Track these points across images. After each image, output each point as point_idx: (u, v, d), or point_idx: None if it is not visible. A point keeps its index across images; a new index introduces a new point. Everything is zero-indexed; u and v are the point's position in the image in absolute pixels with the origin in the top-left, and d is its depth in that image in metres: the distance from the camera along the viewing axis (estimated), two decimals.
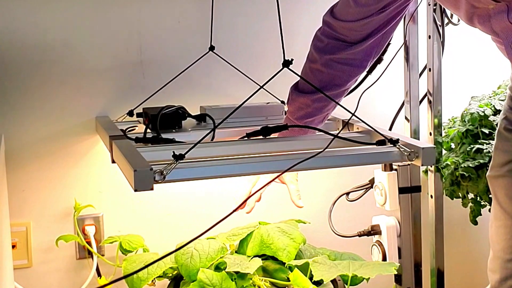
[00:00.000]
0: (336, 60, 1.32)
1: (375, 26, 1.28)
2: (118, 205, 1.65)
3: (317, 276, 1.36)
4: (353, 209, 1.73)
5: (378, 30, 1.29)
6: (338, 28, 1.30)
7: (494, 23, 1.16)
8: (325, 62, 1.33)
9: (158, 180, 1.00)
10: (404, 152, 1.17)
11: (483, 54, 1.87)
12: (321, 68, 1.33)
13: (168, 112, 1.41)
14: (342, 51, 1.31)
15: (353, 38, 1.30)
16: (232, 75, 1.64)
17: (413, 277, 1.61)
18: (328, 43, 1.32)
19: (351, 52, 1.31)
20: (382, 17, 1.26)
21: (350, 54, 1.31)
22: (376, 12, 1.25)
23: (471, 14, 1.17)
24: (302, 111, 1.37)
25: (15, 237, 1.58)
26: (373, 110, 1.80)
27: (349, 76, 1.34)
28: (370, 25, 1.28)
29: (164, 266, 1.46)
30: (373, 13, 1.25)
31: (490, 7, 1.13)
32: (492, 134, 1.60)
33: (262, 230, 1.53)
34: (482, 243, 1.89)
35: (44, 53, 1.57)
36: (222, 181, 1.70)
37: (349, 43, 1.31)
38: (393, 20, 1.29)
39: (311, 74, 1.35)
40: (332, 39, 1.32)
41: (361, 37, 1.30)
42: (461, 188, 1.62)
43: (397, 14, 1.28)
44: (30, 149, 1.58)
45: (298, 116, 1.39)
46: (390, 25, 1.30)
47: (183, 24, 1.66)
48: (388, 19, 1.28)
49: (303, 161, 1.08)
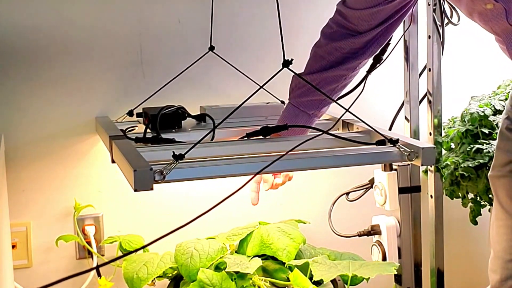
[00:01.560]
0: (339, 48, 1.36)
1: (383, 17, 1.32)
2: (118, 205, 1.65)
3: (317, 276, 1.36)
4: (353, 209, 1.73)
5: (384, 21, 1.33)
6: (348, 16, 1.34)
7: (493, 24, 1.16)
8: (330, 50, 1.37)
9: (158, 180, 1.00)
10: (404, 152, 1.17)
11: (483, 54, 1.87)
12: (324, 54, 1.37)
13: (168, 112, 1.41)
14: (346, 39, 1.35)
15: (361, 27, 1.34)
16: (232, 75, 1.64)
17: (413, 277, 1.61)
18: (336, 31, 1.36)
19: (355, 42, 1.35)
20: (390, 8, 1.30)
21: (353, 44, 1.35)
22: (384, 1, 1.28)
23: (472, 9, 1.18)
24: (297, 90, 1.39)
25: (15, 237, 1.58)
26: (373, 110, 1.80)
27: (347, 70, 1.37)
28: (378, 15, 1.31)
29: (164, 266, 1.46)
30: (382, 1, 1.28)
31: (488, 7, 1.13)
32: (492, 134, 1.60)
33: (262, 230, 1.53)
34: (482, 243, 1.89)
35: (44, 53, 1.56)
36: (222, 181, 1.69)
37: (356, 32, 1.35)
38: (399, 13, 1.33)
39: (314, 59, 1.39)
40: (341, 27, 1.36)
41: (368, 27, 1.33)
42: (461, 188, 1.62)
43: (403, 7, 1.32)
44: (30, 149, 1.58)
45: (293, 95, 1.40)
46: (395, 18, 1.33)
47: (183, 24, 1.66)
48: (395, 11, 1.32)
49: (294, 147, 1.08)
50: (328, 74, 1.37)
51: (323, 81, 1.36)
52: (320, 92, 1.29)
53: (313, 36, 1.41)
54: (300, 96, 1.38)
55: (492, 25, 1.17)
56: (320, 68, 1.37)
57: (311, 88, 1.35)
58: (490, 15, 1.15)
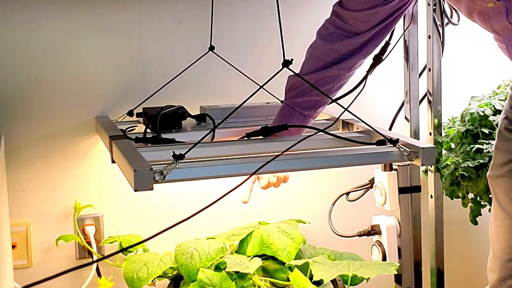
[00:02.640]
0: (335, 50, 1.35)
1: (381, 17, 1.31)
2: (118, 205, 1.65)
3: (317, 276, 1.36)
4: (353, 209, 1.73)
5: (382, 22, 1.32)
6: (345, 17, 1.33)
7: (494, 23, 1.16)
8: (326, 51, 1.36)
9: (158, 180, 1.00)
10: (404, 152, 1.17)
11: (483, 54, 1.87)
12: (320, 55, 1.36)
13: (168, 112, 1.41)
14: (343, 41, 1.34)
15: (358, 28, 1.33)
16: (232, 75, 1.64)
17: (413, 277, 1.61)
18: (333, 32, 1.35)
19: (352, 43, 1.34)
20: (388, 8, 1.29)
21: (350, 45, 1.34)
22: (382, 3, 1.27)
23: (471, 9, 1.18)
24: (293, 91, 1.38)
25: (15, 237, 1.58)
26: (373, 110, 1.80)
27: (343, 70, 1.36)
28: (375, 16, 1.30)
29: (164, 266, 1.46)
30: (380, 2, 1.27)
31: (489, 6, 1.13)
32: (492, 134, 1.60)
33: (262, 230, 1.53)
34: (482, 243, 1.89)
35: (44, 53, 1.56)
36: (222, 181, 1.69)
37: (353, 34, 1.34)
38: (396, 13, 1.32)
39: (310, 60, 1.38)
40: (337, 28, 1.35)
41: (366, 28, 1.32)
42: (461, 188, 1.62)
43: (401, 7, 1.31)
44: (30, 149, 1.58)
45: (289, 95, 1.39)
46: (392, 18, 1.32)
47: (183, 24, 1.66)
48: (393, 11, 1.31)
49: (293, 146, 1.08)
50: (324, 75, 1.36)
51: (319, 81, 1.35)
52: (319, 91, 1.28)
53: (313, 36, 1.41)
54: (296, 96, 1.38)
55: (493, 23, 1.17)
56: (316, 68, 1.37)
57: (306, 89, 1.35)
58: (491, 13, 1.15)
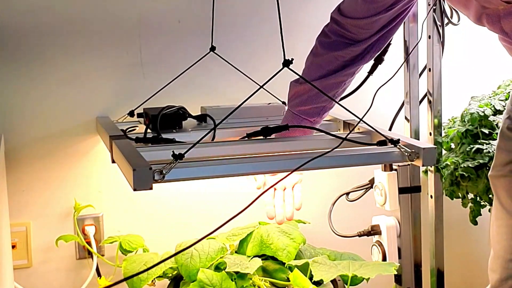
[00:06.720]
0: (339, 57, 1.33)
1: (383, 23, 1.29)
2: (118, 205, 1.65)
3: (317, 276, 1.36)
4: (353, 209, 1.73)
5: (384, 27, 1.30)
6: (346, 25, 1.31)
7: (504, 24, 1.15)
8: (329, 59, 1.34)
9: (157, 179, 1.00)
10: (404, 153, 1.17)
11: (483, 54, 1.87)
12: (323, 63, 1.35)
13: (169, 112, 1.41)
14: (346, 48, 1.32)
15: (360, 36, 1.31)
16: (233, 76, 1.64)
17: (413, 277, 1.61)
18: (335, 40, 1.33)
19: (355, 50, 1.32)
20: (390, 14, 1.27)
21: (353, 52, 1.33)
22: (385, 10, 1.25)
23: (481, 14, 1.17)
24: (297, 99, 1.38)
25: (15, 237, 1.58)
26: (373, 110, 1.79)
27: (346, 76, 1.36)
28: (377, 23, 1.28)
29: (164, 266, 1.46)
30: (381, 10, 1.25)
31: (500, 8, 1.13)
32: (492, 134, 1.60)
33: (262, 230, 1.53)
34: (482, 243, 1.89)
35: (44, 53, 1.57)
36: (222, 181, 1.70)
37: (356, 41, 1.32)
38: (398, 18, 1.30)
39: (312, 68, 1.37)
40: (339, 36, 1.33)
41: (368, 35, 1.31)
42: (461, 188, 1.62)
43: (402, 12, 1.29)
44: (30, 149, 1.58)
45: (293, 104, 1.39)
46: (394, 23, 1.31)
47: (183, 24, 1.66)
48: (394, 16, 1.29)
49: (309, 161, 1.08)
50: (328, 82, 1.35)
51: (324, 89, 1.33)
52: (328, 97, 1.28)
53: (313, 36, 1.40)
54: (300, 104, 1.37)
55: (503, 24, 1.16)
56: (319, 76, 1.35)
57: (311, 97, 1.35)
58: (502, 14, 1.14)
